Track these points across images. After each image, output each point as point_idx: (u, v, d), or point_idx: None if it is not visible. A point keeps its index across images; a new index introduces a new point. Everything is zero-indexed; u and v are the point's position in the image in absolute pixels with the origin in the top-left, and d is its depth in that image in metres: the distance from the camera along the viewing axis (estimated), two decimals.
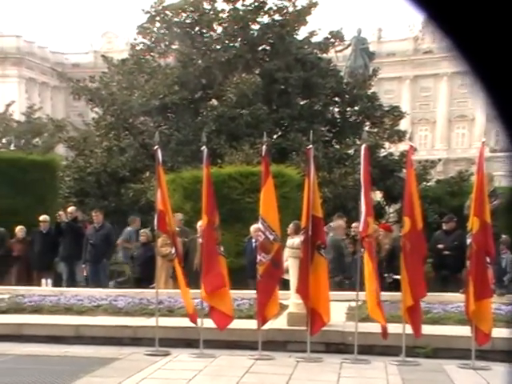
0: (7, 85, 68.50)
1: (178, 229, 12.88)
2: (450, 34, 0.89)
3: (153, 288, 10.86)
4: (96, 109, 25.26)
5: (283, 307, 9.34)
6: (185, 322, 8.92)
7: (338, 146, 22.48)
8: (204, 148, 9.03)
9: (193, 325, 8.70)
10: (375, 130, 23.07)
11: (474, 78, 0.92)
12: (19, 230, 14.88)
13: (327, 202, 17.18)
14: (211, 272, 8.59)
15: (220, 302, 8.52)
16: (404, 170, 16.30)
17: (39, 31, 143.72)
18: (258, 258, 8.64)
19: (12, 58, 70.52)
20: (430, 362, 8.20)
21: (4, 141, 37.73)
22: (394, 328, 8.19)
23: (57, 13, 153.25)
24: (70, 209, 15.28)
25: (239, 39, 23.73)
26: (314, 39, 24.78)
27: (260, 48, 24.10)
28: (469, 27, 0.86)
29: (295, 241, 9.24)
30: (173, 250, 9.10)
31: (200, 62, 23.43)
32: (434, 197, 19.86)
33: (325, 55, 25.09)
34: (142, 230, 14.27)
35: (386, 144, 23.60)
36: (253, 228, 12.22)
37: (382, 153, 22.87)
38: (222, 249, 8.83)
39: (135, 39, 25.35)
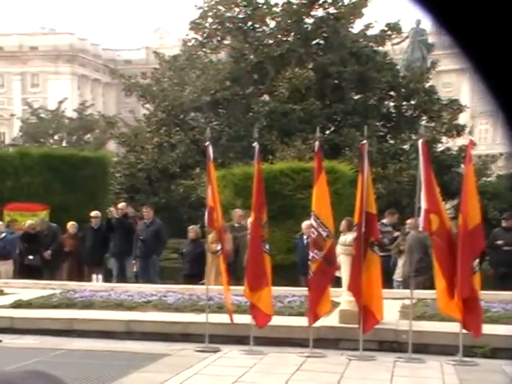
0: (60, 82, 70.20)
1: (237, 225, 13.01)
2: (454, 30, 0.89)
3: (203, 284, 10.98)
4: (147, 105, 25.67)
5: (335, 304, 9.32)
6: (235, 318, 8.98)
7: (392, 141, 22.28)
8: (255, 144, 9.08)
9: (243, 321, 8.76)
10: (432, 124, 22.73)
11: (477, 75, 0.92)
12: (71, 225, 15.24)
13: (381, 198, 17.02)
14: (256, 270, 8.64)
15: (261, 300, 8.56)
16: (462, 166, 16.02)
17: (92, 28, 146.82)
18: (311, 254, 8.64)
19: (65, 55, 72.23)
20: (489, 362, 8.06)
21: (56, 137, 38.70)
22: (450, 327, 8.08)
23: (110, 10, 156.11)
24: (121, 205, 15.57)
25: (292, 33, 23.71)
26: (369, 32, 24.53)
27: (314, 42, 24.04)
28: (472, 23, 0.87)
29: (348, 238, 9.20)
30: (219, 247, 9.18)
31: (252, 57, 23.52)
32: (495, 192, 19.48)
33: (381, 48, 24.82)
34: (190, 227, 14.42)
35: (444, 138, 23.23)
36: (304, 224, 12.21)
37: (439, 148, 22.53)
38: (267, 247, 8.83)
39: (187, 35, 25.62)
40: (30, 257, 14.76)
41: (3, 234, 14.54)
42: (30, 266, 14.64)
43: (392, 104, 24.12)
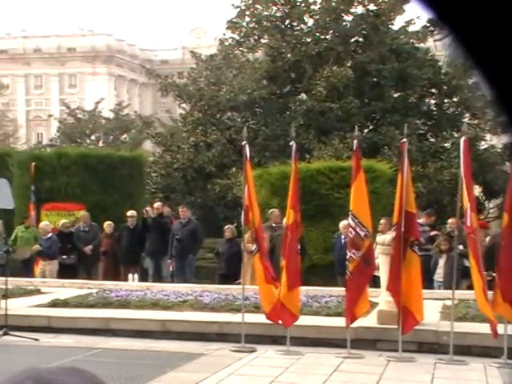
0: (97, 82, 71.25)
1: (274, 225, 13.03)
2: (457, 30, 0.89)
3: (239, 284, 11.01)
4: (183, 105, 25.86)
5: (373, 305, 9.27)
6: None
7: (433, 139, 22.05)
8: (292, 143, 9.11)
9: (279, 321, 8.75)
10: (475, 121, 22.44)
11: (479, 70, 0.91)
12: (107, 225, 15.44)
13: (420, 197, 16.89)
14: (294, 270, 8.66)
15: (290, 300, 8.57)
16: (507, 164, 15.76)
17: (130, 29, 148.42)
18: (348, 254, 8.62)
19: (102, 56, 73.26)
20: None
21: (93, 137, 39.27)
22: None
23: (147, 10, 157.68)
24: (156, 204, 15.72)
25: (331, 31, 23.64)
26: (410, 28, 24.30)
27: (352, 40, 23.93)
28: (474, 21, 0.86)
29: (386, 237, 9.15)
30: (254, 246, 9.20)
31: (289, 55, 23.52)
32: None
33: (422, 45, 24.57)
34: (226, 226, 14.49)
35: (488, 136, 22.91)
36: (342, 224, 12.17)
37: (483, 145, 22.22)
38: (298, 247, 8.85)
39: (224, 34, 25.74)
40: (64, 256, 15.00)
41: (49, 235, 14.81)
42: (64, 265, 14.87)
43: (433, 101, 23.86)
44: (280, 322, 8.62)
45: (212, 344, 9.10)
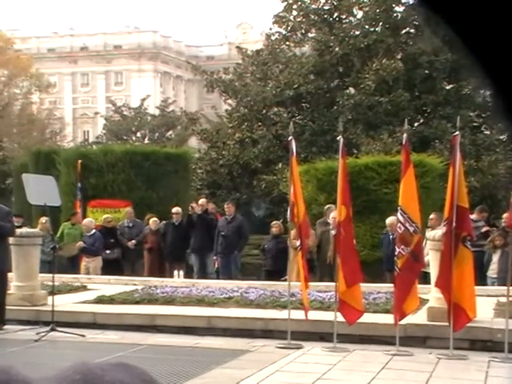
0: (143, 79, 72.20)
1: (329, 220, 13.02)
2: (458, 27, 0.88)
3: (285, 280, 11.02)
4: (229, 100, 26.00)
5: (422, 301, 9.18)
6: (318, 315, 8.99)
7: (488, 132, 21.65)
8: (340, 138, 9.08)
9: (326, 318, 8.77)
10: None
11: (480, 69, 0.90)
12: (153, 222, 15.64)
13: (473, 191, 16.62)
14: (352, 265, 8.64)
15: (352, 296, 8.55)
16: None
17: (176, 25, 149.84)
18: (397, 250, 8.56)
19: (148, 53, 74.17)
20: None
21: (139, 134, 39.80)
22: None
23: (193, 6, 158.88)
24: (201, 201, 15.85)
25: (381, 23, 23.43)
26: None
27: (403, 31, 23.67)
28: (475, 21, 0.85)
29: (437, 232, 9.06)
30: (298, 243, 9.21)
31: (337, 49, 23.40)
32: None
33: None
34: (274, 222, 14.50)
35: None
36: (390, 220, 12.08)
37: None
38: (354, 242, 8.87)
39: (270, 29, 25.76)
40: (107, 251, 15.25)
41: (92, 231, 15.07)
42: (107, 260, 15.13)
43: (489, 93, 23.43)
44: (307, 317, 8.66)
45: (257, 341, 9.13)
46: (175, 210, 15.51)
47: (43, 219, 14.22)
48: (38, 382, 0.77)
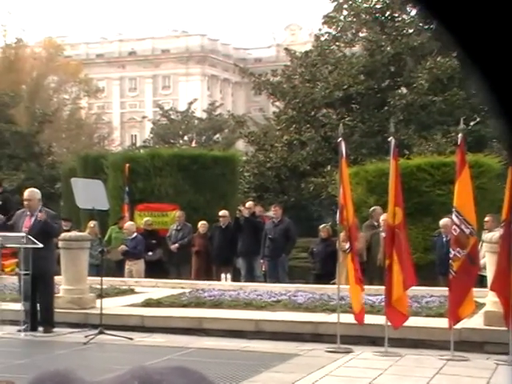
0: (190, 83, 72.89)
1: (376, 223, 12.94)
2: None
3: (334, 284, 10.97)
4: (277, 103, 26.05)
5: (478, 305, 9.02)
6: (368, 319, 8.91)
7: None
8: (391, 138, 9.00)
9: (377, 322, 8.68)
10: None
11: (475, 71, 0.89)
12: (202, 225, 15.75)
13: None
14: (408, 269, 8.57)
15: (398, 300, 8.45)
16: None
17: (224, 28, 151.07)
18: (452, 253, 8.44)
19: (196, 56, 74.87)
20: None
21: (186, 138, 40.16)
22: None
23: (241, 9, 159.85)
24: (248, 204, 15.92)
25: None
26: None
27: None
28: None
29: (494, 235, 8.92)
30: (347, 245, 9.16)
31: (389, 48, 23.20)
32: None
33: None
34: (322, 226, 14.45)
35: None
36: (443, 222, 11.92)
37: None
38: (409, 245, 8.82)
39: (320, 30, 25.70)
40: (150, 253, 15.42)
41: (134, 234, 15.26)
42: (150, 262, 15.30)
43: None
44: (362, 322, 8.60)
45: (306, 344, 9.11)
46: (222, 213, 15.60)
47: (92, 223, 14.46)
48: None
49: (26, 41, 46.12)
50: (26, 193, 10.58)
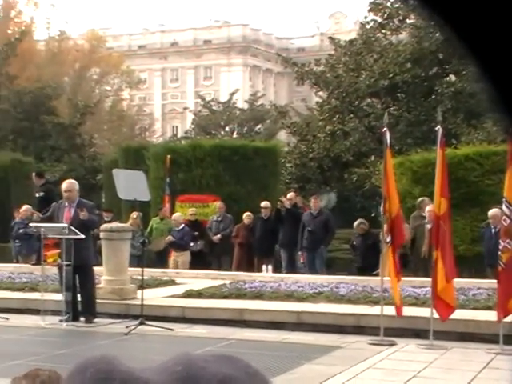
0: (232, 74, 73.07)
1: (423, 214, 12.80)
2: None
3: (377, 275, 10.90)
4: (320, 93, 25.93)
5: None
6: (412, 311, 8.86)
7: None
8: (438, 127, 8.89)
9: (422, 314, 8.62)
10: None
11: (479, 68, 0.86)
12: (246, 216, 15.80)
13: None
14: (450, 261, 8.48)
15: (446, 291, 8.37)
16: None
17: (266, 18, 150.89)
18: (502, 244, 8.32)
19: (238, 46, 75.00)
20: None
21: (227, 129, 40.32)
22: None
23: None
24: (290, 195, 15.93)
25: None
26: None
27: None
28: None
29: None
30: (388, 238, 9.09)
31: (438, 34, 22.87)
32: None
33: None
34: (356, 222, 14.36)
35: None
36: (493, 212, 11.72)
37: None
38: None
39: (365, 17, 25.40)
40: (191, 243, 15.53)
41: (181, 226, 15.38)
42: (192, 253, 15.42)
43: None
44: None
45: (348, 337, 9.09)
46: (264, 204, 15.62)
47: (134, 214, 14.63)
48: (140, 372, 0.78)
49: (69, 33, 46.88)
50: (65, 184, 10.72)
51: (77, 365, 0.79)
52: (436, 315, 8.45)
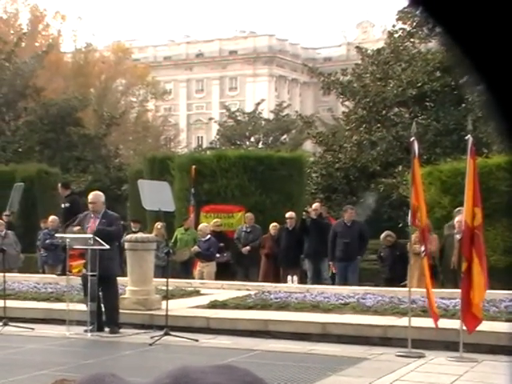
0: (258, 84, 73.37)
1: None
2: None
3: (404, 286, 10.82)
4: (346, 102, 25.89)
5: None
6: (442, 322, 8.74)
7: None
8: (469, 136, 8.83)
9: (451, 326, 8.52)
10: None
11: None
12: (273, 227, 15.81)
13: None
14: (485, 272, 8.40)
15: (475, 303, 8.27)
16: None
17: (293, 28, 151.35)
18: None
19: (263, 57, 75.32)
20: None
21: (252, 139, 40.42)
22: None
23: (312, 8, 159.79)
24: (315, 205, 15.90)
25: None
26: None
27: None
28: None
29: None
30: (422, 248, 9.03)
31: None
32: None
33: None
34: (383, 235, 14.29)
35: None
36: None
37: None
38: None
39: (393, 26, 25.37)
40: (217, 255, 15.55)
41: (207, 236, 15.42)
42: (218, 264, 15.44)
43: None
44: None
45: (375, 348, 9.01)
46: (289, 214, 15.60)
47: (158, 224, 14.70)
48: None
49: (96, 45, 47.45)
50: (91, 196, 10.86)
51: None
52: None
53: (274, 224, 15.82)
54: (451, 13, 0.81)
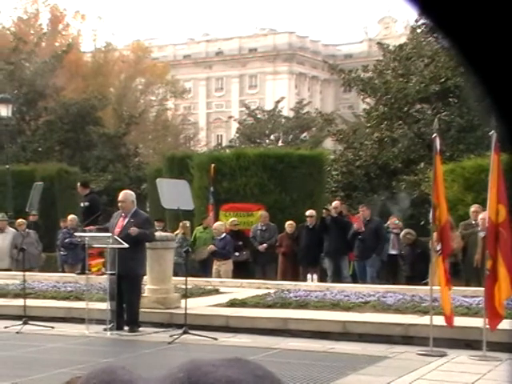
0: (277, 82, 73.33)
1: (474, 222, 12.66)
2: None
3: (426, 284, 10.77)
4: (367, 99, 25.76)
5: None
6: (464, 321, 8.71)
7: None
8: (493, 132, 8.77)
9: (474, 324, 8.47)
10: None
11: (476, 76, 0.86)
12: (289, 225, 15.80)
13: None
14: (509, 269, 8.32)
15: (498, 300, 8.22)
16: None
17: (313, 24, 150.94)
18: None
19: (283, 54, 75.28)
20: None
21: (272, 137, 40.42)
22: None
23: (333, 4, 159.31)
24: (335, 203, 15.89)
25: None
26: None
27: None
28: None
29: None
30: (438, 247, 8.98)
31: None
32: None
33: None
34: (403, 233, 14.23)
35: None
36: None
37: None
38: None
39: (416, 21, 25.20)
40: (236, 253, 15.58)
41: (223, 235, 15.45)
42: (236, 263, 15.49)
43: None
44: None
45: (396, 347, 8.97)
46: (309, 212, 15.60)
47: (186, 223, 14.76)
48: (143, 382, 0.79)
49: (115, 44, 47.70)
50: (120, 195, 10.89)
51: (83, 376, 0.81)
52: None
53: (290, 222, 15.81)
54: (459, 26, 0.81)
